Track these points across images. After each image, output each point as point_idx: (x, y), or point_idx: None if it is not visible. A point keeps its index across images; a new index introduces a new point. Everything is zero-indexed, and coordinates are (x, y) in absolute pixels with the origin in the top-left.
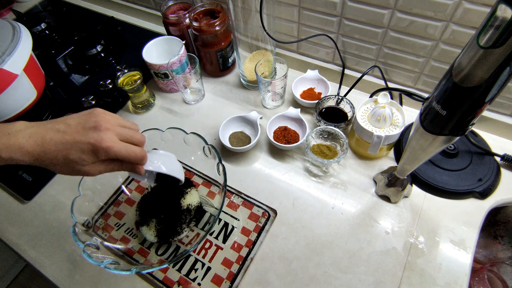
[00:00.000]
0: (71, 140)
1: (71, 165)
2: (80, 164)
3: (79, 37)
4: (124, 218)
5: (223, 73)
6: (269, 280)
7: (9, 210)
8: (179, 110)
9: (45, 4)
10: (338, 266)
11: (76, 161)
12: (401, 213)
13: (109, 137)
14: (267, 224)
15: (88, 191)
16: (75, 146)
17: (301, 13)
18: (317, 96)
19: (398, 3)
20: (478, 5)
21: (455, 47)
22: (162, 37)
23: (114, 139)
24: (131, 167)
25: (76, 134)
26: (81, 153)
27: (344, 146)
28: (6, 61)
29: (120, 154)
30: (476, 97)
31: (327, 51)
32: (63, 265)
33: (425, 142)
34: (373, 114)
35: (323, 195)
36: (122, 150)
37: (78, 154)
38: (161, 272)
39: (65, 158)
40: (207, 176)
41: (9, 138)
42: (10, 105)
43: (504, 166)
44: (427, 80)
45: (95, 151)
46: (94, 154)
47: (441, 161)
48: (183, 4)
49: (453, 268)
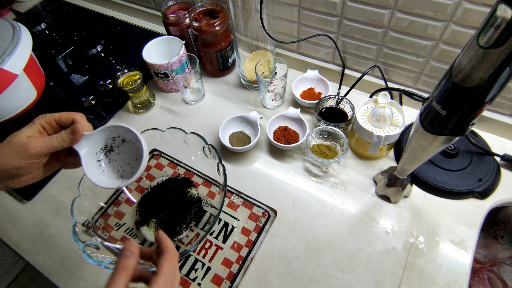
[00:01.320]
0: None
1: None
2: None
3: (79, 37)
4: (124, 218)
5: (223, 73)
6: (269, 280)
7: (9, 210)
8: (179, 110)
9: (45, 4)
10: (338, 266)
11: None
12: (401, 213)
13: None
14: (267, 224)
15: (88, 191)
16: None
17: (301, 13)
18: (317, 96)
19: (398, 3)
20: (478, 5)
21: (455, 47)
22: (162, 37)
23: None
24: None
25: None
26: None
27: (344, 146)
28: (6, 61)
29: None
30: (476, 97)
31: (327, 51)
32: (63, 265)
33: (425, 142)
34: (373, 114)
35: (323, 195)
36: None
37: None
38: None
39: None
40: (207, 176)
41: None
42: (10, 105)
43: (504, 166)
44: (427, 80)
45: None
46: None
47: (441, 161)
48: (183, 4)
49: (453, 268)
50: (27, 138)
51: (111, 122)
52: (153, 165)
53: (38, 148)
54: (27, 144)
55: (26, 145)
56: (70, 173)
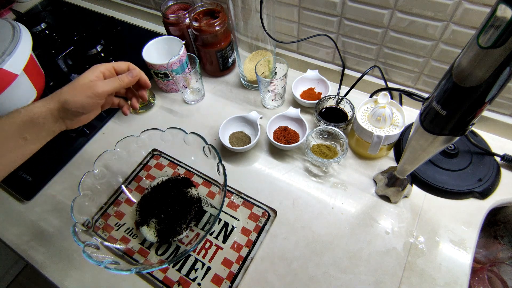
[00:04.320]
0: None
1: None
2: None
3: (79, 37)
4: (124, 218)
5: (223, 73)
6: (269, 280)
7: (9, 210)
8: (179, 110)
9: (45, 4)
10: (338, 266)
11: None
12: (401, 213)
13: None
14: (267, 224)
15: (88, 191)
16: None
17: (301, 13)
18: (317, 96)
19: (398, 3)
20: (478, 5)
21: (455, 47)
22: (162, 37)
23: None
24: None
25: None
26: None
27: (344, 146)
28: (6, 61)
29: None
30: (476, 97)
31: (327, 51)
32: (63, 265)
33: (425, 142)
34: (373, 114)
35: (323, 195)
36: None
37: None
38: (161, 272)
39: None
40: (207, 176)
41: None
42: (10, 105)
43: (504, 166)
44: (427, 80)
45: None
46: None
47: (441, 161)
48: (183, 4)
49: (453, 268)
50: (91, 81)
51: (111, 122)
52: (153, 165)
53: (104, 88)
54: (95, 85)
55: (94, 86)
56: (70, 173)
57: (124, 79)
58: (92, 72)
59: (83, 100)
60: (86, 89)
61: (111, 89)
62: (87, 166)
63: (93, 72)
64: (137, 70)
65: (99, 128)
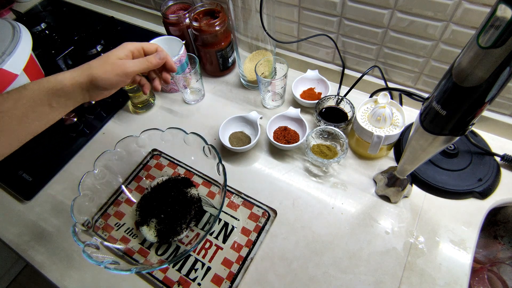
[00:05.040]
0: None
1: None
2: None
3: (79, 37)
4: (124, 218)
5: (223, 73)
6: (269, 280)
7: (9, 210)
8: (179, 110)
9: (45, 4)
10: (338, 266)
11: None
12: (401, 213)
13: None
14: (267, 224)
15: (88, 191)
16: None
17: (301, 13)
18: (317, 96)
19: (398, 3)
20: (478, 5)
21: (455, 47)
22: (162, 37)
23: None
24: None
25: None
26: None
27: (344, 146)
28: (6, 61)
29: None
30: (476, 97)
31: (327, 51)
32: (63, 265)
33: (425, 142)
34: (373, 114)
35: (323, 195)
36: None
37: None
38: (161, 272)
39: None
40: (207, 176)
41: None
42: None
43: (504, 166)
44: (427, 80)
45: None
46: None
47: (441, 161)
48: (183, 4)
49: (453, 268)
50: (120, 59)
51: (111, 122)
52: (153, 165)
53: (133, 68)
54: (124, 64)
55: (123, 65)
56: (70, 173)
57: (152, 60)
58: (122, 50)
59: (112, 78)
60: (116, 68)
61: (139, 70)
62: (87, 166)
63: (123, 50)
64: (164, 52)
65: (99, 128)
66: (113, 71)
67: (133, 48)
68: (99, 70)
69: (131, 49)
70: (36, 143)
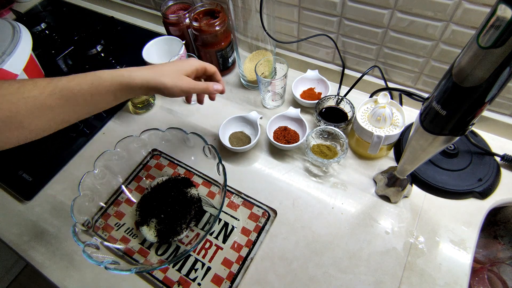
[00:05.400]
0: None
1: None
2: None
3: (79, 37)
4: (124, 218)
5: (223, 73)
6: (269, 280)
7: (9, 210)
8: (179, 110)
9: (45, 4)
10: (338, 266)
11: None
12: (401, 213)
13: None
14: (267, 224)
15: (88, 191)
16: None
17: (301, 13)
18: (317, 96)
19: (398, 3)
20: (478, 5)
21: (455, 47)
22: (162, 37)
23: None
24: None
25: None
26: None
27: (344, 146)
28: (6, 61)
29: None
30: (476, 97)
31: (327, 51)
32: (63, 265)
33: (425, 142)
34: (373, 114)
35: (323, 195)
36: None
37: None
38: (161, 272)
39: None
40: (207, 176)
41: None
42: None
43: (504, 166)
44: (427, 80)
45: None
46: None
47: (441, 161)
48: (183, 4)
49: (453, 268)
50: (188, 76)
51: (111, 122)
52: (153, 165)
53: (196, 90)
54: (190, 83)
55: (189, 84)
56: (70, 173)
57: (211, 89)
58: (189, 66)
59: (176, 92)
60: (183, 84)
61: (199, 92)
62: (87, 166)
63: (190, 67)
64: (222, 83)
65: (99, 128)
66: (179, 85)
67: (198, 66)
68: (169, 81)
69: (197, 67)
70: (36, 143)
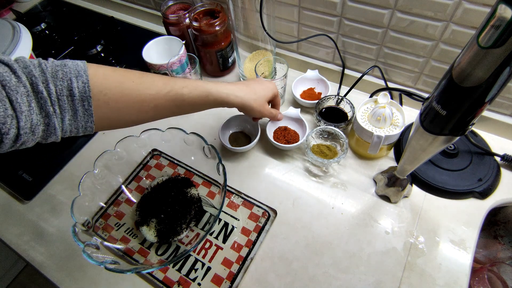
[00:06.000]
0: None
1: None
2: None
3: (79, 37)
4: (124, 218)
5: (223, 73)
6: (269, 280)
7: (9, 210)
8: None
9: (45, 4)
10: (338, 266)
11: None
12: (401, 213)
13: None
14: (267, 224)
15: (88, 191)
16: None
17: (301, 13)
18: (317, 96)
19: (398, 3)
20: (478, 5)
21: (455, 47)
22: (162, 37)
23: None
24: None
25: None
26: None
27: (344, 146)
28: None
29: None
30: (476, 97)
31: (327, 51)
32: (63, 265)
33: (425, 142)
34: (373, 114)
35: (323, 195)
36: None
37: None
38: (161, 272)
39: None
40: (207, 176)
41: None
42: None
43: (504, 166)
44: (427, 80)
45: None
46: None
47: (441, 161)
48: (183, 4)
49: (453, 268)
50: (265, 101)
51: None
52: (153, 165)
53: (266, 115)
54: (265, 109)
55: (265, 109)
56: (70, 173)
57: (275, 118)
58: (273, 94)
59: (255, 112)
60: (262, 109)
61: (267, 117)
62: (87, 166)
63: (273, 94)
64: (281, 114)
65: None
66: (262, 111)
67: (274, 95)
68: (256, 106)
69: (276, 94)
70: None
